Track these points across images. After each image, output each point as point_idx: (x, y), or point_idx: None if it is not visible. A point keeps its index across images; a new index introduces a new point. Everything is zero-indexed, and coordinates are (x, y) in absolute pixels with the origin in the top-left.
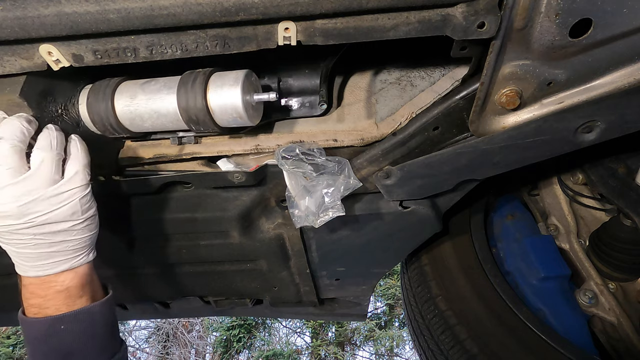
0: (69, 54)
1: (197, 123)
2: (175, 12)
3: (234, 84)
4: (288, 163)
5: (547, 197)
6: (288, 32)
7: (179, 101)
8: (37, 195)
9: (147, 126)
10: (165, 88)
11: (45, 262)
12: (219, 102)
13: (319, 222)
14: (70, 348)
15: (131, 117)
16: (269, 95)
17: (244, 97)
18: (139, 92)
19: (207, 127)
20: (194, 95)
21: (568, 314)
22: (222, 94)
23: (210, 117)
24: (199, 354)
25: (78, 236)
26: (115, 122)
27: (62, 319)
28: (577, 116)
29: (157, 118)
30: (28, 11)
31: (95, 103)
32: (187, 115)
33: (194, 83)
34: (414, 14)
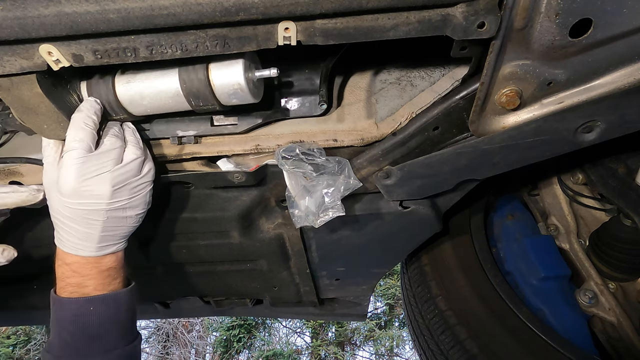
0: (69, 53)
1: (198, 97)
2: (175, 12)
3: (236, 57)
4: (288, 163)
5: (547, 197)
6: (288, 32)
7: (180, 74)
8: (128, 182)
9: (146, 104)
10: (165, 67)
11: (102, 244)
12: (221, 73)
13: (319, 222)
14: (96, 329)
15: (131, 95)
16: (270, 71)
17: (246, 71)
18: (140, 71)
19: (207, 102)
20: (194, 68)
21: (568, 314)
22: (224, 66)
23: (211, 91)
24: (199, 354)
25: (133, 224)
26: (114, 100)
27: (92, 300)
28: (577, 116)
29: (156, 94)
30: (28, 11)
31: (96, 82)
32: (187, 88)
33: (197, 60)
34: (414, 14)
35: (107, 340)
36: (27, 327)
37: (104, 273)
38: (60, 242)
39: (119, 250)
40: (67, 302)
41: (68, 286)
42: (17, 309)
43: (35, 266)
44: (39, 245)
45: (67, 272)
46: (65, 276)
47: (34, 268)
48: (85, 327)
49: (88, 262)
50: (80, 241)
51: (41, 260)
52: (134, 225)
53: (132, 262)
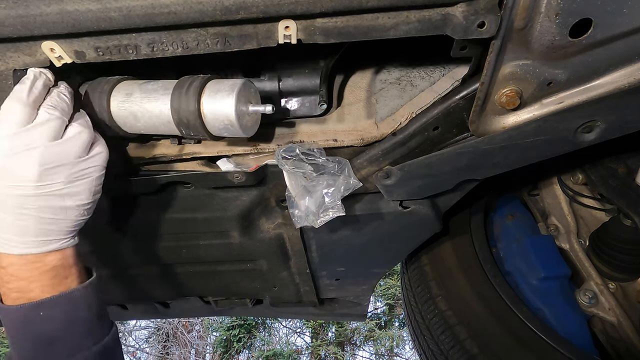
0: (71, 50)
1: (188, 127)
2: (176, 10)
3: (230, 91)
4: (288, 163)
5: (547, 197)
6: (288, 30)
7: (172, 102)
8: (63, 162)
9: (140, 126)
10: (162, 89)
11: (39, 238)
12: (212, 107)
13: (319, 222)
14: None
15: (125, 115)
16: (265, 108)
17: (238, 105)
18: (136, 91)
19: (197, 133)
20: (187, 98)
21: (568, 314)
22: (216, 99)
23: (202, 122)
24: (199, 354)
25: (78, 217)
26: (108, 118)
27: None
28: (577, 116)
29: (149, 118)
30: (30, 9)
31: (91, 97)
32: (178, 118)
33: (190, 86)
34: (414, 13)
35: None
36: None
37: (48, 273)
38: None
39: (64, 247)
40: (13, 310)
41: (10, 292)
42: None
43: None
44: None
45: (4, 276)
46: (3, 281)
47: None
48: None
49: (27, 262)
50: (13, 236)
51: None
52: (77, 218)
53: (132, 262)
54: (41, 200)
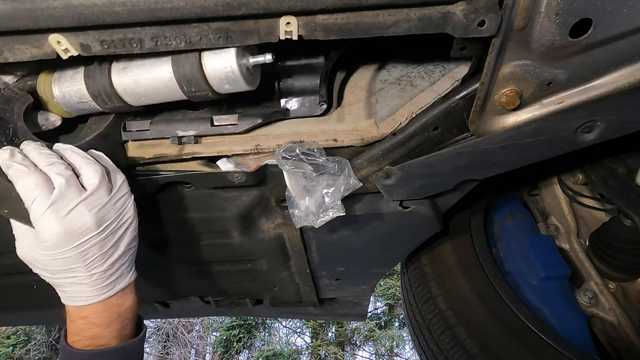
0: (77, 43)
1: (190, 82)
2: (179, 5)
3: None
4: (288, 163)
5: (547, 197)
6: (289, 26)
7: (173, 60)
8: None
9: (140, 92)
10: (160, 55)
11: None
12: (213, 59)
13: (319, 222)
14: None
15: (125, 82)
16: (265, 57)
17: (239, 57)
18: (135, 59)
19: (199, 88)
20: (188, 55)
21: (568, 314)
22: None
23: (203, 75)
24: (199, 354)
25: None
26: (109, 85)
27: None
28: (577, 116)
29: (150, 81)
30: (38, 3)
31: (93, 68)
32: (179, 74)
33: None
34: (414, 11)
35: None
36: (27, 327)
37: (121, 316)
38: (69, 299)
39: (132, 280)
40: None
41: (83, 339)
42: (17, 309)
43: None
44: None
45: (83, 325)
46: (80, 330)
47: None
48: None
49: (106, 308)
50: (90, 287)
51: None
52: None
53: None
54: (105, 242)
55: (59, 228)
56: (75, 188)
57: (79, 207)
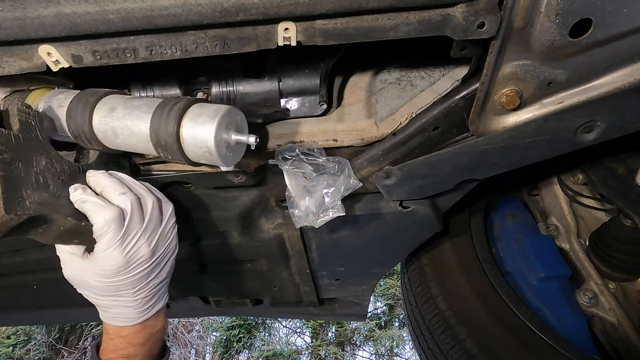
0: (69, 54)
1: (166, 149)
2: (175, 12)
3: (212, 116)
4: (288, 163)
5: (547, 197)
6: (288, 32)
7: (152, 122)
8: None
9: (119, 143)
10: (146, 107)
11: (151, 302)
12: (191, 132)
13: (319, 222)
14: None
15: (104, 130)
16: (249, 139)
17: (219, 133)
18: (120, 106)
19: (175, 157)
20: (167, 119)
21: (568, 314)
22: (197, 123)
23: (179, 147)
24: (199, 354)
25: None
26: (89, 132)
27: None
28: (577, 116)
29: (128, 136)
30: (27, 12)
31: (76, 108)
32: (156, 139)
33: (173, 107)
34: (414, 14)
35: None
36: (27, 327)
37: (154, 336)
38: (112, 320)
39: (164, 304)
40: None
41: (119, 358)
42: (17, 309)
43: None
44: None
45: (120, 344)
46: (117, 348)
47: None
48: None
49: (142, 329)
50: (133, 310)
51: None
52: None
53: None
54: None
55: (122, 259)
56: (140, 220)
57: (141, 239)
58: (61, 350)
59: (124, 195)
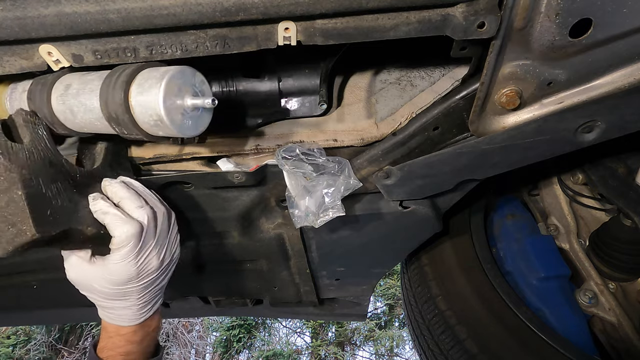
0: (69, 54)
1: (118, 123)
2: (175, 12)
3: (159, 79)
4: (288, 163)
5: (547, 197)
6: (288, 32)
7: (101, 93)
8: (167, 243)
9: (79, 122)
10: (98, 79)
11: (150, 304)
12: (139, 99)
13: (319, 222)
14: None
15: (63, 110)
16: (204, 101)
17: (169, 97)
18: (75, 82)
19: (130, 130)
20: (114, 88)
21: (568, 314)
22: (144, 89)
23: (131, 117)
24: (199, 354)
25: (170, 273)
26: (49, 113)
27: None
28: (577, 116)
29: (84, 113)
30: (28, 11)
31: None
32: (107, 112)
33: (121, 74)
34: (414, 14)
35: None
36: (27, 327)
37: (150, 335)
38: (113, 320)
39: (161, 304)
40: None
41: (117, 355)
42: (17, 309)
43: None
44: None
45: (120, 342)
46: (117, 346)
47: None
48: None
49: (140, 328)
50: (136, 312)
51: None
52: (170, 274)
53: None
54: (158, 277)
55: (135, 271)
56: (154, 233)
57: (153, 251)
58: (61, 350)
59: (141, 209)
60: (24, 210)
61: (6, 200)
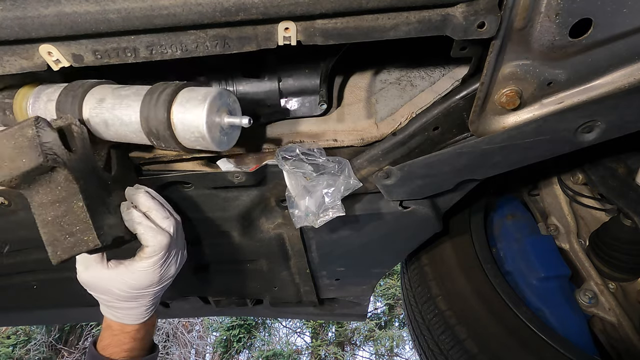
0: (69, 53)
1: (158, 138)
2: (175, 12)
3: (202, 100)
4: (288, 163)
5: (547, 197)
6: (288, 32)
7: (141, 110)
8: (179, 250)
9: (112, 134)
10: (135, 95)
11: (156, 304)
12: (181, 117)
13: (319, 222)
14: None
15: (96, 122)
16: (242, 120)
17: (210, 116)
18: (108, 96)
19: (168, 145)
20: (157, 106)
21: (568, 314)
22: (186, 108)
23: (172, 133)
24: (199, 354)
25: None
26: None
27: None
28: (577, 116)
29: (119, 126)
30: (28, 11)
31: (64, 101)
32: (147, 127)
33: (162, 93)
34: (414, 14)
35: None
36: (27, 327)
37: (150, 331)
38: (119, 319)
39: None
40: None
41: (122, 352)
42: (17, 309)
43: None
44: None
45: (124, 339)
46: (121, 343)
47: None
48: None
49: (144, 325)
50: (141, 312)
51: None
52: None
53: None
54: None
55: (157, 278)
56: (176, 242)
57: (173, 260)
58: (61, 350)
59: (168, 220)
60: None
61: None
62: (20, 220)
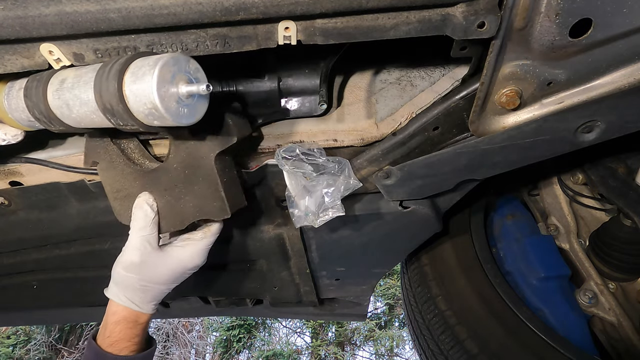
0: (70, 52)
1: (113, 114)
2: (175, 11)
3: (152, 66)
4: (288, 163)
5: (547, 197)
6: (288, 31)
7: (95, 83)
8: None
9: (75, 117)
10: (93, 71)
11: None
12: (133, 88)
13: (319, 222)
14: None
15: (59, 105)
16: (199, 87)
17: (162, 84)
18: (70, 76)
19: (125, 121)
20: (108, 78)
21: (568, 314)
22: (137, 77)
23: (125, 107)
24: (199, 354)
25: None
26: (46, 110)
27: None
28: (577, 116)
29: (80, 106)
30: (29, 10)
31: (31, 86)
32: (102, 103)
33: (114, 64)
34: (414, 14)
35: None
36: (27, 327)
37: (146, 327)
38: (139, 307)
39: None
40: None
41: (133, 345)
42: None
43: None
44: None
45: (138, 331)
46: (134, 335)
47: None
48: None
49: (150, 317)
50: (157, 300)
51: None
52: None
53: None
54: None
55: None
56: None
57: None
58: (61, 350)
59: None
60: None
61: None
62: (21, 220)
